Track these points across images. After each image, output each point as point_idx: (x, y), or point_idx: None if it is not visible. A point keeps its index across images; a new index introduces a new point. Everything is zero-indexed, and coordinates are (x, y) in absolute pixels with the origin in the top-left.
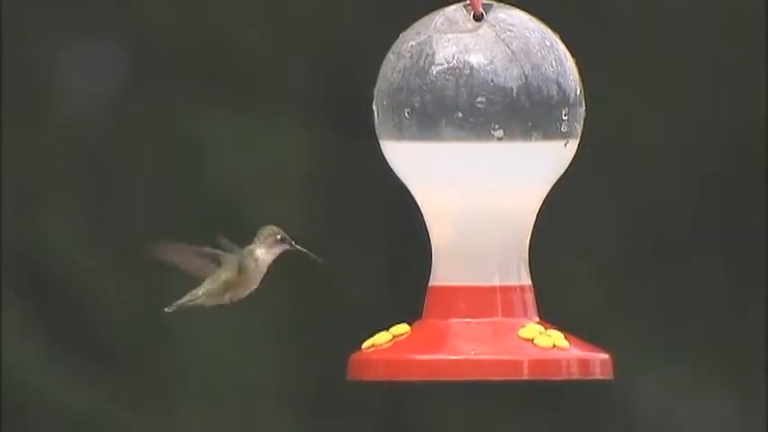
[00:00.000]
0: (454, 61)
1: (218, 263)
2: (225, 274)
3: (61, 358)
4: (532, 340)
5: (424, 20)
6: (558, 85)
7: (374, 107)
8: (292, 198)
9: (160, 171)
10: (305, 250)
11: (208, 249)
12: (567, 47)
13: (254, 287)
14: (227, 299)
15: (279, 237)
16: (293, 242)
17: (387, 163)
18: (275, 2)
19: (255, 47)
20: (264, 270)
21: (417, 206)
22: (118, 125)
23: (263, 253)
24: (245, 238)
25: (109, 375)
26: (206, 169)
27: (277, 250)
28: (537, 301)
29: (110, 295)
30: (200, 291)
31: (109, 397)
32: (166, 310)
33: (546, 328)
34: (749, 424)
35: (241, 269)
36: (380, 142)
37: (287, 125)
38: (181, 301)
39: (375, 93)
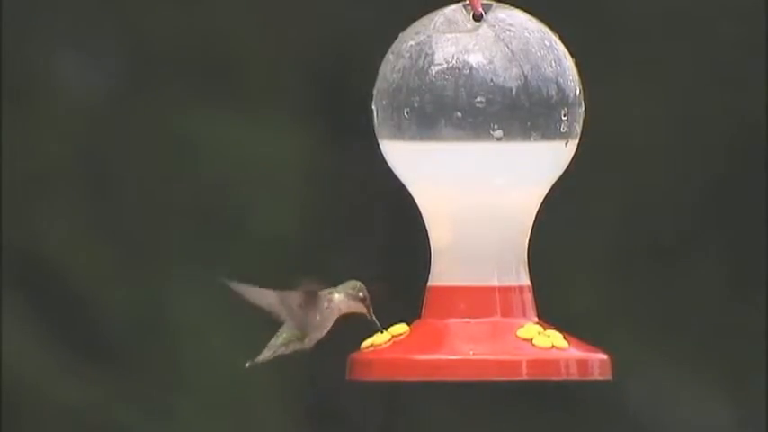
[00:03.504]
0: (453, 61)
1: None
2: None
3: (60, 356)
4: (531, 340)
5: (424, 20)
6: (558, 85)
7: (373, 107)
8: (291, 198)
9: (158, 170)
10: (375, 320)
11: (279, 293)
12: (567, 47)
13: (327, 330)
14: (306, 343)
15: (361, 295)
16: (371, 310)
17: (386, 163)
18: (274, 1)
19: (254, 46)
20: (336, 316)
21: (417, 206)
22: (116, 125)
23: (340, 299)
24: (244, 239)
25: (108, 373)
26: (204, 169)
27: (353, 305)
28: (536, 301)
29: (109, 293)
30: (278, 341)
31: (108, 395)
32: (246, 365)
33: (545, 329)
34: (749, 425)
35: (318, 314)
36: (380, 142)
37: (286, 125)
38: (261, 357)
39: (374, 93)
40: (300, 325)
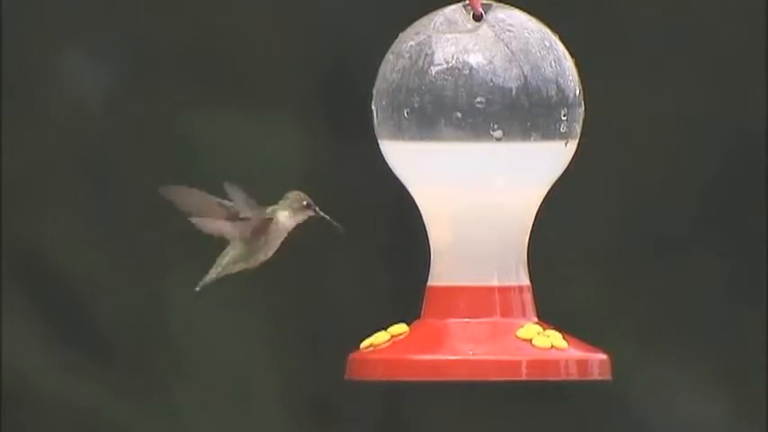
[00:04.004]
0: (453, 61)
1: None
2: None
3: (61, 355)
4: (531, 341)
5: (424, 20)
6: (558, 85)
7: (373, 107)
8: None
9: (159, 170)
10: (328, 217)
11: (227, 204)
12: (567, 47)
13: (274, 250)
14: (250, 263)
15: (305, 203)
16: (317, 209)
17: (386, 163)
18: (274, 1)
19: (254, 46)
20: (285, 234)
21: (416, 206)
22: (117, 124)
23: (286, 216)
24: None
25: (108, 372)
26: (204, 168)
27: (301, 216)
28: (535, 301)
29: (110, 292)
30: (223, 260)
31: (108, 394)
32: (196, 289)
33: (544, 329)
34: (749, 424)
35: (263, 234)
36: (380, 142)
37: (286, 125)
38: (209, 277)
39: (374, 93)
40: (251, 249)
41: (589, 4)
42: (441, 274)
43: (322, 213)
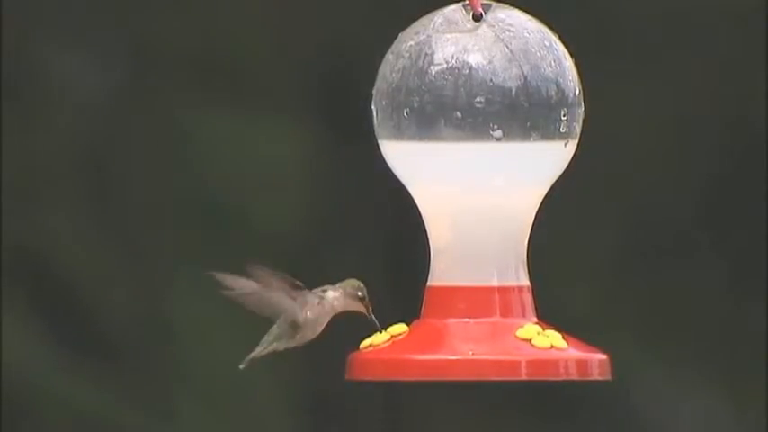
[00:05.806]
0: (453, 61)
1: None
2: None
3: (62, 356)
4: (530, 341)
5: (423, 20)
6: (557, 85)
7: (373, 107)
8: (291, 198)
9: (160, 171)
10: (373, 318)
11: (288, 280)
12: (566, 47)
13: (320, 330)
14: (298, 340)
15: (360, 294)
16: (370, 310)
17: (386, 163)
18: (274, 1)
19: (254, 47)
20: (331, 314)
21: (416, 206)
22: (118, 125)
23: (334, 296)
24: (244, 239)
25: (109, 374)
26: (205, 169)
27: (351, 305)
28: (535, 301)
29: (110, 292)
30: (270, 337)
31: (109, 396)
32: (240, 367)
33: (544, 329)
34: (749, 424)
35: (309, 310)
36: (379, 142)
37: (286, 125)
38: (253, 354)
39: (374, 93)
40: (296, 327)
41: (589, 4)
42: (440, 274)
43: (371, 313)
